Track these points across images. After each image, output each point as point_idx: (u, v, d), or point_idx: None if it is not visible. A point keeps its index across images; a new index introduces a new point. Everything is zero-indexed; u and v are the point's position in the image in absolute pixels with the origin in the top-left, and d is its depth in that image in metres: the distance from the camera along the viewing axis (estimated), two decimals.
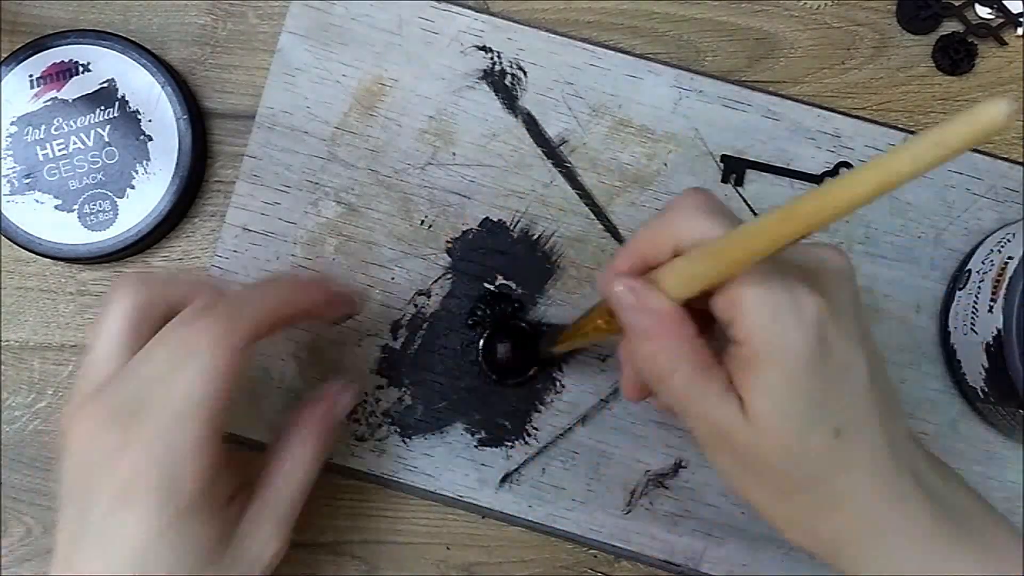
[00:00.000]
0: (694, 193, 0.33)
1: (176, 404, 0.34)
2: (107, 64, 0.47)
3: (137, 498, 0.33)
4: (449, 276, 0.47)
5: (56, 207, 0.46)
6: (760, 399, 0.32)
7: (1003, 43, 0.48)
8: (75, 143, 0.46)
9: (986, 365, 0.42)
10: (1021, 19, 0.48)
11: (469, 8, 0.48)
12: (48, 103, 0.46)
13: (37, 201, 0.46)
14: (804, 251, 0.34)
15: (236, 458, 0.37)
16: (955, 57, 0.47)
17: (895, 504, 0.33)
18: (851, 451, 0.33)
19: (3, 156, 0.46)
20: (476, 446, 0.46)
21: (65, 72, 0.46)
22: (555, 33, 0.48)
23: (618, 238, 0.47)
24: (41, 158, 0.46)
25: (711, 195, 0.34)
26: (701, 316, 0.33)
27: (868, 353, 0.33)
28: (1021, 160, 0.47)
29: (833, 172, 0.47)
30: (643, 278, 0.33)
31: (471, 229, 0.47)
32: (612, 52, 0.47)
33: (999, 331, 0.40)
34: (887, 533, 0.33)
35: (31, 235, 0.46)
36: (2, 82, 0.46)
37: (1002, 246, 0.43)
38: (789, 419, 0.32)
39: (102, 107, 0.46)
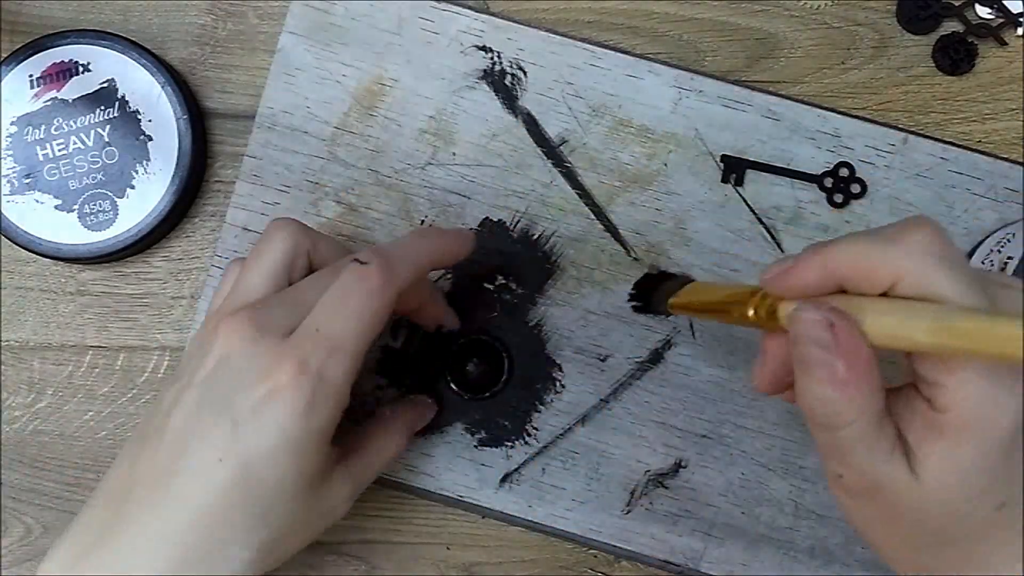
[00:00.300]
0: (930, 232, 0.31)
1: (336, 331, 0.36)
2: (107, 64, 0.47)
3: (284, 404, 0.35)
4: (449, 276, 0.47)
5: (56, 207, 0.46)
6: (942, 467, 0.31)
7: (1003, 43, 0.48)
8: (75, 143, 0.46)
9: None
10: (1021, 19, 0.48)
11: (469, 8, 0.48)
12: (48, 103, 0.46)
13: (37, 201, 0.46)
14: None
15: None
16: (955, 57, 0.47)
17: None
18: (1010, 523, 0.32)
19: (3, 156, 0.46)
20: (476, 446, 0.46)
21: (65, 72, 0.46)
22: (555, 33, 0.48)
23: (618, 238, 0.47)
24: (41, 158, 0.46)
25: (946, 238, 0.31)
26: None
27: None
28: (1021, 160, 0.47)
29: (833, 172, 0.47)
30: (843, 312, 0.31)
31: (471, 229, 0.47)
32: (612, 52, 0.47)
33: None
34: None
35: (31, 235, 0.46)
36: (2, 82, 0.46)
37: (1002, 246, 0.43)
38: (965, 489, 0.31)
39: (102, 107, 0.46)
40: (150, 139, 0.46)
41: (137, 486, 0.36)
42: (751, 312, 0.34)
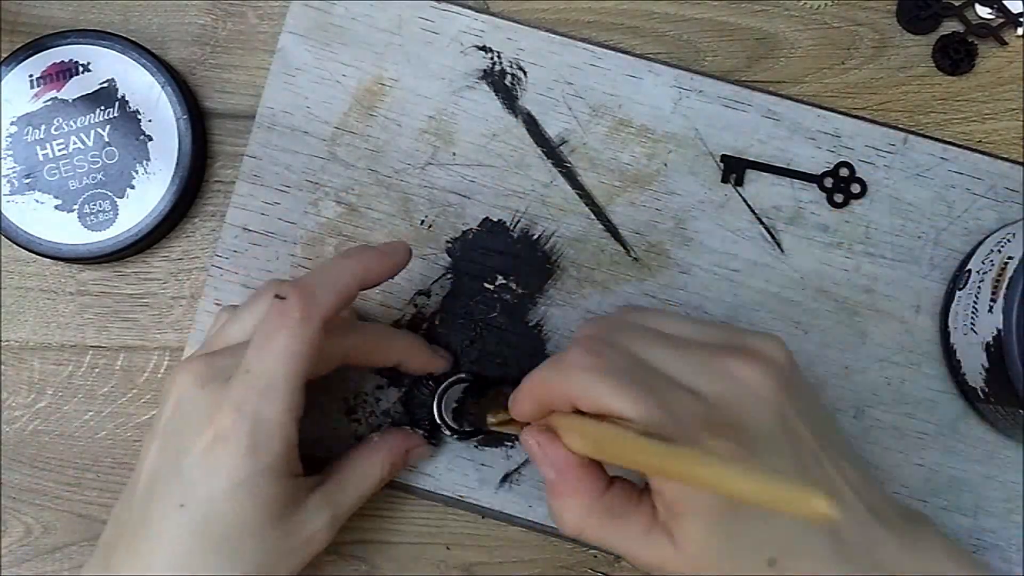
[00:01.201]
0: (583, 353, 0.33)
1: (267, 370, 0.37)
2: (107, 64, 0.47)
3: (228, 448, 0.36)
4: (449, 276, 0.47)
5: (56, 207, 0.46)
6: (686, 540, 0.33)
7: (1003, 43, 0.48)
8: (75, 143, 0.46)
9: (986, 365, 0.42)
10: (1021, 19, 0.48)
11: (469, 8, 0.48)
12: (48, 103, 0.46)
13: (37, 201, 0.46)
14: (724, 375, 0.34)
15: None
16: (955, 57, 0.47)
17: None
18: (788, 572, 0.33)
19: (3, 156, 0.46)
20: (476, 446, 0.46)
21: (65, 72, 0.46)
22: (555, 33, 0.48)
23: (618, 238, 0.47)
24: (41, 158, 0.46)
25: (601, 352, 0.33)
26: None
27: (807, 463, 0.34)
28: (1021, 160, 0.47)
29: (833, 172, 0.47)
30: (549, 430, 0.34)
31: (471, 229, 0.47)
32: (612, 52, 0.47)
33: (999, 331, 0.40)
34: None
35: (31, 235, 0.46)
36: (2, 82, 0.46)
37: (1002, 246, 0.43)
38: (720, 554, 0.33)
39: (102, 107, 0.46)
40: (150, 139, 0.46)
41: (121, 537, 0.38)
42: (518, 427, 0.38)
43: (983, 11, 0.48)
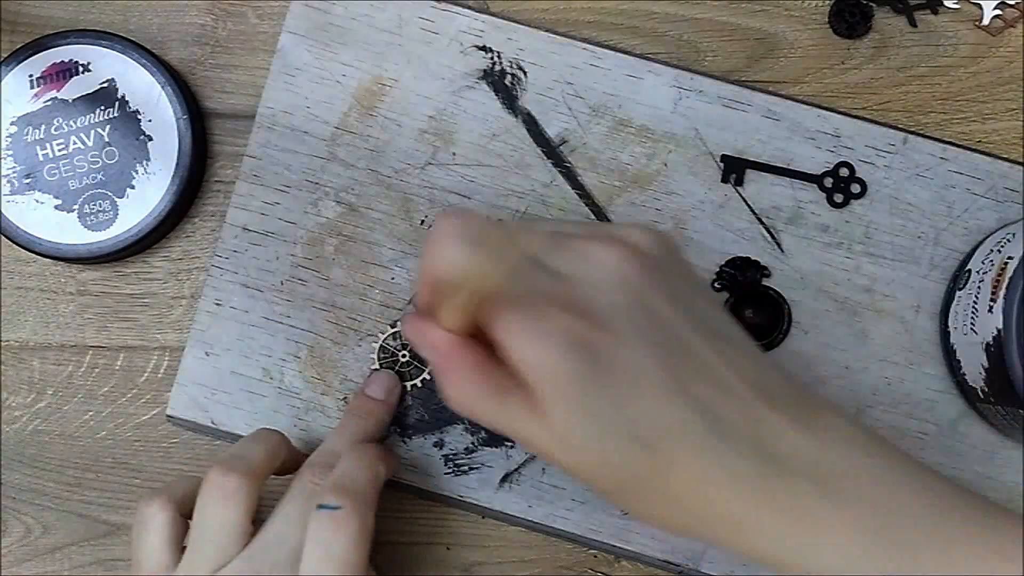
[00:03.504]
0: (441, 221, 0.32)
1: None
2: (107, 64, 0.47)
3: None
4: None
5: (56, 207, 0.46)
6: (554, 421, 0.32)
7: (936, 11, 0.47)
8: (75, 143, 0.46)
9: (986, 365, 0.42)
10: None
11: (469, 8, 0.48)
12: (48, 103, 0.46)
13: (37, 201, 0.46)
14: (584, 258, 0.34)
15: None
16: (850, 20, 0.47)
17: (732, 492, 0.33)
18: (666, 458, 0.32)
19: (3, 156, 0.46)
20: (476, 446, 0.46)
21: (65, 72, 0.46)
22: (555, 33, 0.48)
23: None
24: (41, 158, 0.46)
25: (465, 222, 0.32)
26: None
27: (671, 343, 0.33)
28: (1021, 160, 0.47)
29: (833, 172, 0.47)
30: (427, 314, 0.34)
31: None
32: (612, 52, 0.47)
33: (999, 331, 0.40)
34: (732, 521, 0.33)
35: (31, 235, 0.46)
36: (2, 82, 0.46)
37: (1002, 246, 0.43)
38: (587, 435, 0.32)
39: (102, 107, 0.46)
40: (150, 139, 0.46)
41: None
42: None
43: None
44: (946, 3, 0.48)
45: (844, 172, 0.47)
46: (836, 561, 0.33)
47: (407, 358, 0.46)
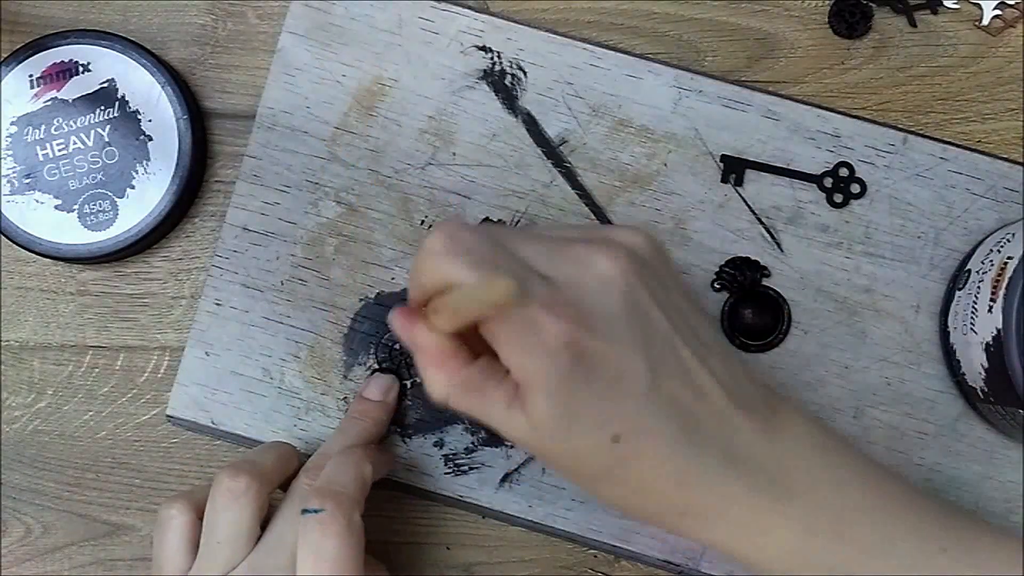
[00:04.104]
0: (439, 235, 0.34)
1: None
2: (107, 64, 0.47)
3: None
4: None
5: (56, 207, 0.46)
6: (534, 413, 0.34)
7: (936, 11, 0.48)
8: (75, 143, 0.46)
9: (986, 365, 0.42)
10: None
11: (469, 8, 0.48)
12: (48, 103, 0.46)
13: (37, 201, 0.46)
14: (575, 261, 0.35)
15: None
16: (850, 20, 0.47)
17: (694, 487, 0.35)
18: (634, 452, 0.34)
19: (3, 156, 0.46)
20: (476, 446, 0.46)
21: (65, 72, 0.46)
22: (555, 33, 0.48)
23: None
24: (41, 158, 0.46)
25: (456, 235, 0.34)
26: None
27: (657, 347, 0.35)
28: (1021, 160, 0.47)
29: (833, 172, 0.47)
30: (416, 312, 0.35)
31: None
32: (612, 52, 0.47)
33: (999, 331, 0.40)
34: (690, 513, 0.35)
35: (31, 235, 0.46)
36: (2, 82, 0.46)
37: (1002, 246, 0.43)
38: (564, 429, 0.34)
39: (102, 107, 0.46)
40: (150, 139, 0.46)
41: None
42: None
43: None
44: (946, 3, 0.48)
45: (844, 172, 0.47)
46: (778, 553, 0.35)
47: (406, 357, 0.46)
